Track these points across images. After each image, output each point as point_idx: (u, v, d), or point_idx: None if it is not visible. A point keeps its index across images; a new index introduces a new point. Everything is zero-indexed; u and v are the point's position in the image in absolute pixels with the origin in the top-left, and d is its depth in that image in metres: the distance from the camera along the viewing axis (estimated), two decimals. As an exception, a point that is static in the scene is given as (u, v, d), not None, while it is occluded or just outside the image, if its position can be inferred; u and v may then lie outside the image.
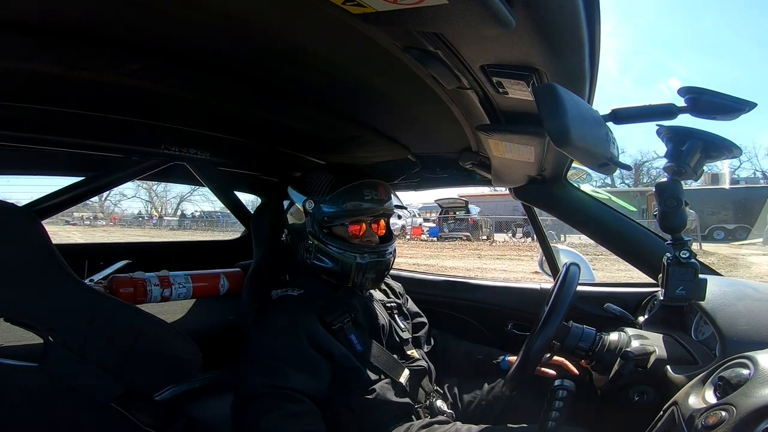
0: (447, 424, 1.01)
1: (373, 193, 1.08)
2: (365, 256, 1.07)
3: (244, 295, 1.18)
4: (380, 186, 1.11)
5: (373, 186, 1.09)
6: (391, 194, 1.15)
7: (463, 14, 0.46)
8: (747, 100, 0.66)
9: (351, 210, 1.06)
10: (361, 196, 1.06)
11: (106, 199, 28.60)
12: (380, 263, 1.10)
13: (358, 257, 1.06)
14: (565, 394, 0.87)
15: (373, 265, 1.08)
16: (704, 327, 0.97)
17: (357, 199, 1.06)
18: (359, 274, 1.07)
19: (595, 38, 0.57)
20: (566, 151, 0.60)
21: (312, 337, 0.96)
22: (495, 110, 0.82)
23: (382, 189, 1.11)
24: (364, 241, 1.10)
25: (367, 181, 1.09)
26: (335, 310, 1.05)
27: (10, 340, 0.84)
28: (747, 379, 0.61)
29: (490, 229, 16.48)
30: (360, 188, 1.07)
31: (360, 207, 1.07)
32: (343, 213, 1.06)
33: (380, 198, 1.09)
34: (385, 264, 1.11)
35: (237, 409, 0.91)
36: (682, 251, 0.86)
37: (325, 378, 0.95)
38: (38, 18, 0.63)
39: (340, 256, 1.06)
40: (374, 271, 1.09)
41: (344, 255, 1.06)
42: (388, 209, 1.13)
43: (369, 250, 1.08)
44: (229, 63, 0.82)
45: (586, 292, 1.39)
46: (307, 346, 0.95)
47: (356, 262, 1.06)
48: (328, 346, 0.98)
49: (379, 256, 1.09)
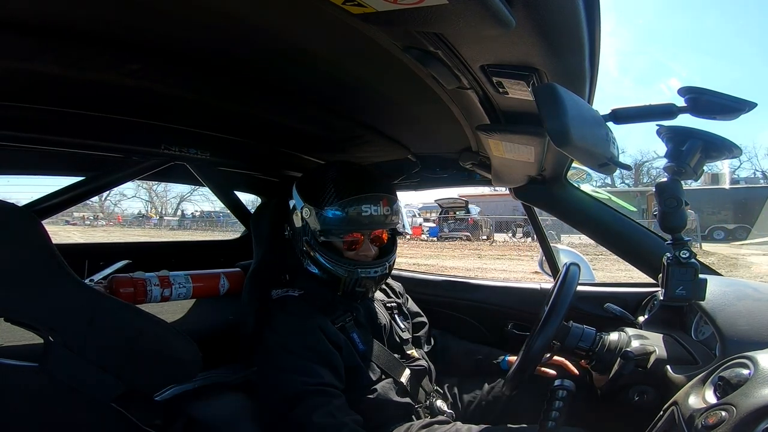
0: (447, 424, 1.01)
1: (372, 209, 1.01)
2: (356, 272, 1.03)
3: (244, 295, 1.18)
4: (383, 200, 1.04)
5: (374, 200, 1.02)
6: (395, 205, 1.08)
7: (463, 14, 0.46)
8: (747, 100, 0.66)
9: (347, 225, 1.02)
10: (359, 212, 1.01)
11: (106, 199, 28.65)
12: (371, 279, 1.06)
13: (347, 273, 1.03)
14: (565, 394, 0.87)
15: (363, 280, 1.04)
16: (704, 327, 0.97)
17: (355, 214, 1.00)
18: (349, 286, 1.05)
19: (595, 38, 0.57)
20: (566, 151, 0.60)
21: (325, 333, 0.97)
22: (495, 110, 0.82)
23: (385, 202, 1.04)
24: (359, 255, 1.06)
25: (368, 195, 1.02)
26: (336, 309, 1.05)
27: (10, 340, 0.84)
28: (747, 379, 0.61)
29: (490, 229, 16.48)
30: (360, 202, 1.01)
31: (357, 222, 1.01)
32: (338, 227, 1.02)
33: (380, 213, 1.03)
34: (377, 279, 1.07)
35: (280, 411, 0.89)
36: (682, 251, 0.86)
37: (342, 372, 0.97)
38: (38, 18, 0.63)
39: (330, 268, 1.04)
40: (364, 286, 1.06)
41: (334, 268, 1.03)
42: (388, 224, 1.07)
43: (360, 266, 1.04)
44: (229, 63, 0.82)
45: (586, 292, 1.39)
46: (325, 342, 0.96)
47: (345, 277, 1.03)
48: (338, 340, 0.99)
49: (370, 273, 1.05)
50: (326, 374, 0.92)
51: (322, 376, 0.91)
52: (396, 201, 1.10)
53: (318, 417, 0.85)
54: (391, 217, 1.06)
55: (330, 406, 0.88)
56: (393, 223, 1.09)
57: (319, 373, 0.92)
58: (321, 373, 0.92)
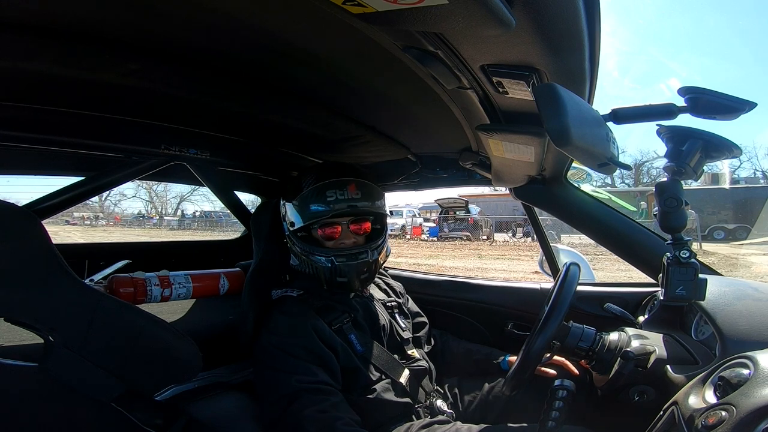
0: (447, 423, 1.01)
1: (338, 194, 1.01)
2: (334, 259, 1.02)
3: (244, 295, 1.18)
4: (350, 184, 1.03)
5: (339, 185, 1.02)
6: (370, 192, 1.07)
7: (463, 14, 0.46)
8: (747, 100, 0.66)
9: (314, 213, 1.02)
10: (323, 198, 1.01)
11: (106, 199, 28.68)
12: (352, 266, 1.04)
13: (324, 260, 1.02)
14: (565, 394, 0.87)
15: (344, 268, 1.03)
16: (704, 327, 0.97)
17: (319, 202, 1.01)
18: (333, 277, 1.04)
19: (595, 38, 0.57)
20: (566, 151, 0.60)
21: (319, 335, 0.97)
22: (495, 110, 0.82)
23: (353, 187, 1.03)
24: (338, 244, 1.05)
25: (332, 180, 1.02)
26: (334, 310, 1.05)
27: (10, 340, 0.83)
28: (747, 379, 0.61)
29: (490, 229, 16.48)
30: (322, 189, 1.02)
31: (321, 210, 1.01)
32: (306, 215, 1.02)
33: (349, 197, 1.02)
34: (361, 266, 1.05)
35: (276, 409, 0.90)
36: (682, 251, 0.86)
37: (338, 373, 0.97)
38: (38, 18, 0.63)
39: (307, 259, 1.04)
40: (346, 275, 1.04)
41: (310, 258, 1.03)
42: (362, 210, 1.05)
43: (338, 254, 1.03)
44: (229, 63, 0.82)
45: (586, 292, 1.39)
46: (318, 343, 0.96)
47: (323, 266, 1.03)
48: (333, 342, 0.99)
49: (350, 259, 1.03)
50: (321, 373, 0.93)
51: (316, 375, 0.92)
52: (374, 188, 1.08)
53: (312, 413, 0.86)
54: (363, 202, 1.04)
55: (325, 403, 0.88)
56: (368, 211, 1.07)
57: (314, 372, 0.92)
58: (316, 372, 0.92)
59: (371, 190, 1.08)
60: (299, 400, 0.88)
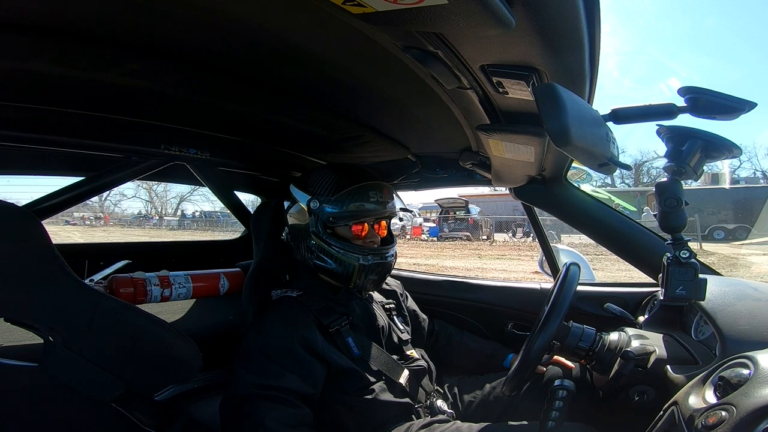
0: (447, 423, 1.01)
1: (378, 195, 1.08)
2: (368, 258, 1.06)
3: (244, 295, 1.18)
4: (385, 188, 1.11)
5: (378, 188, 1.09)
6: (394, 196, 1.15)
7: (463, 14, 0.46)
8: (747, 100, 0.66)
9: (356, 211, 1.06)
10: (366, 197, 1.07)
11: (106, 199, 28.67)
12: (382, 265, 1.09)
13: (361, 258, 1.06)
14: (565, 394, 0.87)
15: (375, 267, 1.08)
16: (704, 327, 0.97)
17: (362, 200, 1.06)
18: (361, 276, 1.07)
19: (595, 38, 0.57)
20: (566, 151, 0.60)
21: (306, 341, 0.96)
22: (495, 110, 0.82)
23: (386, 191, 1.12)
24: (366, 242, 1.10)
25: (373, 182, 1.09)
26: (332, 312, 1.05)
27: (10, 340, 0.83)
28: (747, 379, 0.61)
29: (490, 229, 16.48)
30: (366, 189, 1.07)
31: (364, 208, 1.06)
32: (348, 213, 1.06)
33: (384, 200, 1.10)
34: (387, 266, 1.11)
35: (226, 407, 0.90)
36: (682, 251, 0.86)
37: (319, 381, 0.96)
38: (37, 18, 0.63)
39: (343, 257, 1.06)
40: (376, 273, 1.09)
41: (347, 256, 1.06)
42: (391, 211, 1.14)
43: (371, 252, 1.07)
44: (229, 63, 0.82)
45: (586, 292, 1.39)
46: (299, 348, 0.95)
47: (359, 264, 1.06)
48: (323, 351, 0.97)
49: (382, 258, 1.09)
50: (290, 378, 0.90)
51: (282, 380, 0.90)
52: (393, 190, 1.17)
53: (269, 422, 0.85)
54: (393, 205, 1.14)
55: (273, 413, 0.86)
56: (395, 214, 1.17)
57: (281, 376, 0.90)
58: (284, 376, 0.90)
59: (395, 194, 1.18)
60: (247, 404, 0.87)
